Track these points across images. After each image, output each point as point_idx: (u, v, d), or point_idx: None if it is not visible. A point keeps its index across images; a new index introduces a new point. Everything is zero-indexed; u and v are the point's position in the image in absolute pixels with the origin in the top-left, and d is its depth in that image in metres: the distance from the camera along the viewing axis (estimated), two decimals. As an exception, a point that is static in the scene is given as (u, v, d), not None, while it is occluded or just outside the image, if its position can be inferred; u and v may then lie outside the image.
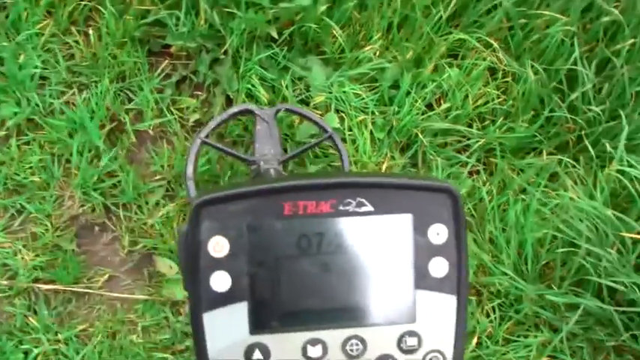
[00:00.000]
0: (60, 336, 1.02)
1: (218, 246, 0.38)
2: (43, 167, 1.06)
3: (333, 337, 0.40)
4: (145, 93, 1.07)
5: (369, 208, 0.39)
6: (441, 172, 1.12)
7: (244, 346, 0.39)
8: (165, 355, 1.02)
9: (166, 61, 1.12)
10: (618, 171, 1.10)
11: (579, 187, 1.12)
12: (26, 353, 1.00)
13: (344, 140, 1.10)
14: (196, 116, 1.10)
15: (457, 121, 1.15)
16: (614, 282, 1.01)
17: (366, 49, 1.13)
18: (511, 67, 1.17)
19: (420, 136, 1.12)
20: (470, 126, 1.16)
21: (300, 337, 0.39)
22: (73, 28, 1.11)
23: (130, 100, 1.10)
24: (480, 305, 1.10)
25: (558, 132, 1.18)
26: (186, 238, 0.38)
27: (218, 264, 0.39)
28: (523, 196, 1.13)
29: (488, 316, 1.09)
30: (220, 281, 0.39)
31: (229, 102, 1.11)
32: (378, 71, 1.13)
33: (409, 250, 0.40)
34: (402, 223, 0.40)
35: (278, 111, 0.92)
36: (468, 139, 1.15)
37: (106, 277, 1.06)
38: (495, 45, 1.16)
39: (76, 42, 1.10)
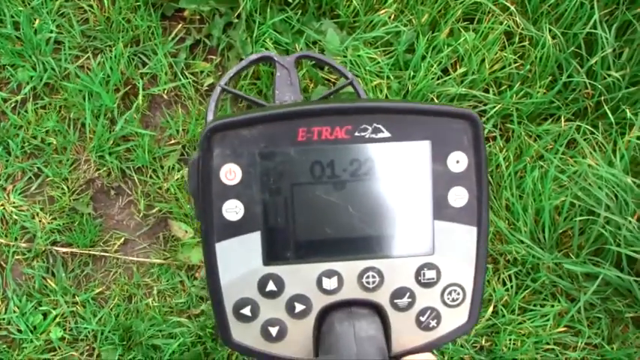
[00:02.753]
0: (77, 298, 1.03)
1: (230, 173, 0.37)
2: (59, 131, 1.07)
3: (349, 268, 0.38)
4: (159, 57, 1.07)
5: (386, 134, 0.38)
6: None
7: (258, 277, 0.38)
8: (180, 319, 1.03)
9: (180, 25, 1.12)
10: (639, 138, 1.08)
11: (598, 154, 1.10)
12: (45, 314, 1.02)
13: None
14: (210, 80, 1.09)
15: (473, 86, 1.13)
16: (635, 251, 0.99)
17: (381, 12, 1.12)
18: (528, 32, 1.15)
19: (436, 100, 1.10)
20: (486, 91, 1.15)
21: (315, 269, 0.38)
22: (88, -7, 1.12)
23: (144, 65, 1.10)
24: (496, 273, 1.09)
25: (576, 98, 1.16)
26: (198, 166, 0.37)
27: (230, 192, 0.37)
28: (540, 163, 1.11)
29: (504, 284, 1.08)
30: (233, 210, 0.37)
31: (243, 66, 1.10)
32: (393, 35, 1.12)
33: (427, 178, 0.38)
34: (420, 150, 0.38)
35: (298, 58, 0.91)
36: (485, 104, 1.14)
37: (122, 240, 1.07)
38: (512, 8, 1.14)
39: (90, 6, 1.10)
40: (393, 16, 1.13)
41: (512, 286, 1.07)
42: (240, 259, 0.38)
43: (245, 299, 0.38)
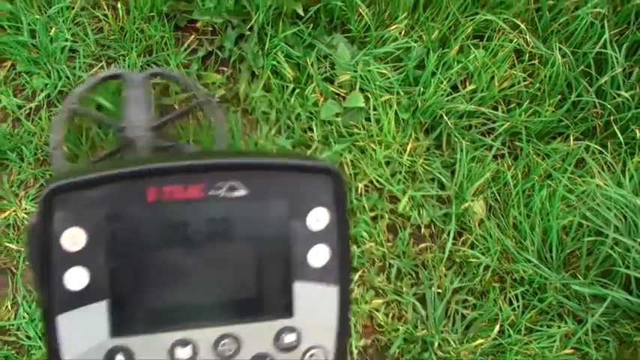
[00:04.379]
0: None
1: (74, 238, 0.34)
2: (71, 139, 1.08)
3: (204, 336, 0.36)
4: (172, 67, 1.09)
5: (242, 192, 0.36)
6: (466, 155, 1.11)
7: (104, 350, 0.35)
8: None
9: (192, 37, 1.13)
10: (648, 158, 1.08)
11: (607, 174, 1.10)
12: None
13: (368, 119, 1.10)
14: (222, 92, 1.10)
15: (482, 103, 1.13)
16: (644, 274, 0.99)
17: (392, 28, 1.13)
18: (538, 50, 1.15)
19: (445, 117, 1.11)
20: (495, 109, 1.15)
21: (167, 338, 0.36)
22: (103, 2, 1.13)
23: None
24: (503, 292, 1.08)
25: (586, 117, 1.16)
26: (37, 231, 0.34)
27: (73, 259, 0.34)
28: (549, 182, 1.11)
29: (511, 303, 1.07)
30: (76, 278, 0.34)
31: (255, 78, 1.11)
32: (404, 51, 1.13)
33: (286, 238, 0.37)
34: (278, 208, 0.37)
35: (149, 76, 0.89)
36: (493, 122, 1.14)
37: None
38: (522, 26, 1.14)
39: (105, 16, 1.11)
40: (403, 32, 1.14)
41: (518, 306, 1.07)
42: (85, 332, 0.35)
43: None
